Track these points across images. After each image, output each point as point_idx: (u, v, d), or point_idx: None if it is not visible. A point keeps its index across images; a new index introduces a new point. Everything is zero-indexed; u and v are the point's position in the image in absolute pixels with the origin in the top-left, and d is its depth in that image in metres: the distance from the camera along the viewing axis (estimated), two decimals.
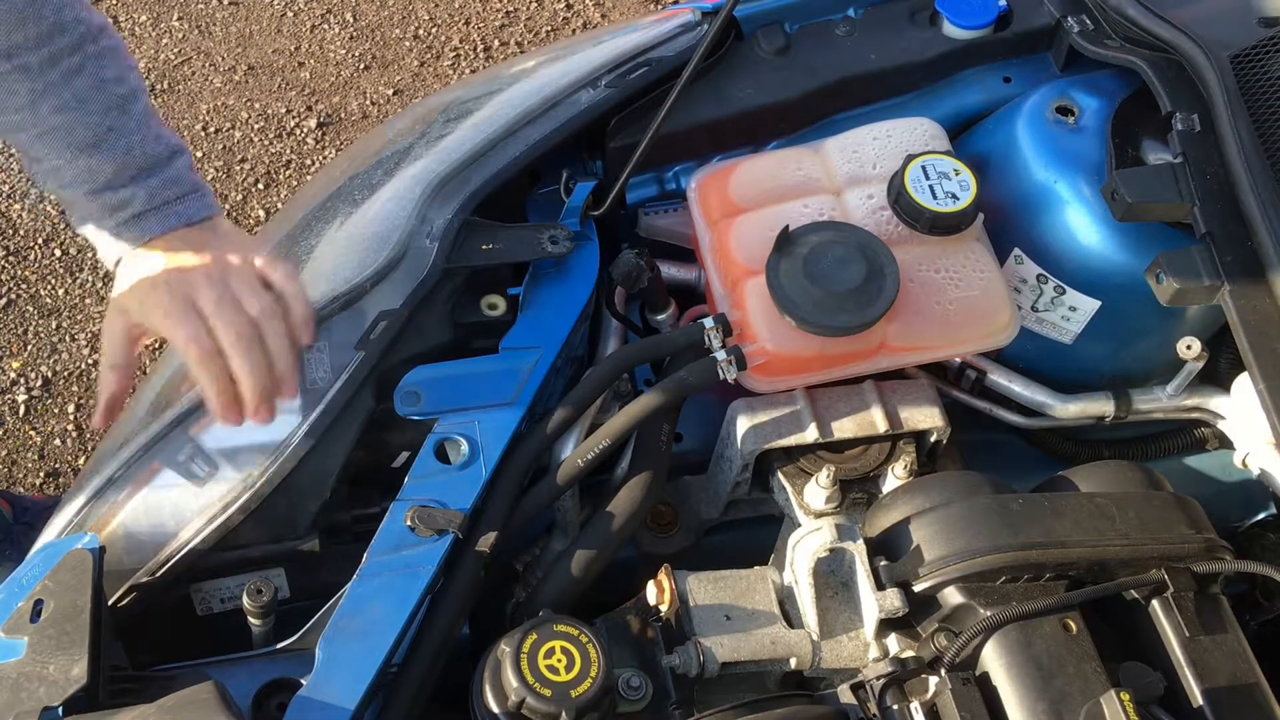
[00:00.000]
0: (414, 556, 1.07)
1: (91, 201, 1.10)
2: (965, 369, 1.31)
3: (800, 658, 1.09)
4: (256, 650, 1.09)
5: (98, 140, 1.09)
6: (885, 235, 1.22)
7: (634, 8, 3.16)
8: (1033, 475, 1.21)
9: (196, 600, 1.16)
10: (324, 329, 1.16)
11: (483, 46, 3.02)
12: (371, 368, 1.15)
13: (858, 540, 1.07)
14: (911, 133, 1.32)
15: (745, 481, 1.24)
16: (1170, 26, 1.28)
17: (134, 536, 1.11)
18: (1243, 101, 1.20)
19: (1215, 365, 1.30)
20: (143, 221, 1.11)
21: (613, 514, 1.15)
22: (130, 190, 1.10)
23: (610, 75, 1.37)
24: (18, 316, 2.55)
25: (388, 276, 1.18)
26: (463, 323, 1.23)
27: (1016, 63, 1.44)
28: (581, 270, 1.27)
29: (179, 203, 1.12)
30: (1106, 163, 1.25)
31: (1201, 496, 1.12)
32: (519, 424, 1.16)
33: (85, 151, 1.09)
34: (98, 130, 1.08)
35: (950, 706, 0.96)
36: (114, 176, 1.09)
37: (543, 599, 1.13)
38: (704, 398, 1.28)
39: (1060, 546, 1.02)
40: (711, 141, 1.41)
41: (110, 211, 1.10)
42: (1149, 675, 0.97)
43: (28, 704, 0.94)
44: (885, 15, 1.46)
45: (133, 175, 1.10)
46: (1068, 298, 1.27)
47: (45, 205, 2.70)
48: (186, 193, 1.13)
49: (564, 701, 0.97)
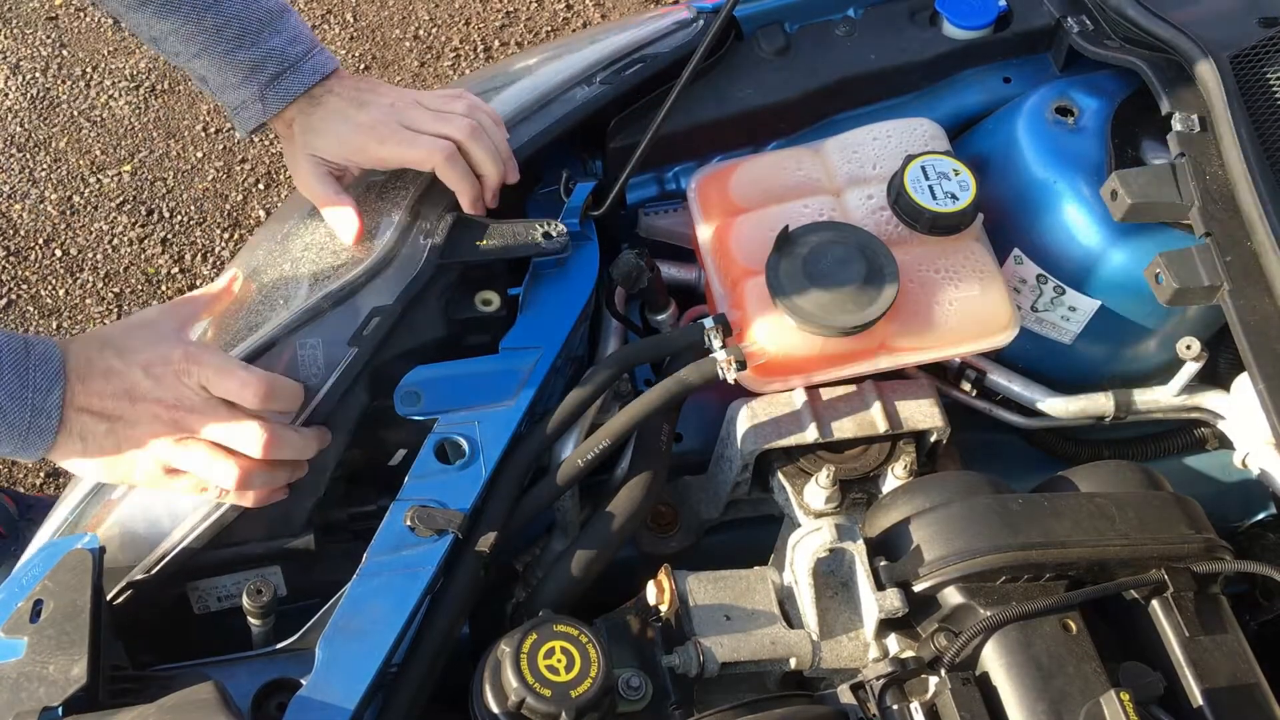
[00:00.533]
0: (414, 556, 1.07)
1: (227, 64, 1.17)
2: (965, 369, 1.31)
3: (800, 658, 1.09)
4: (256, 650, 1.09)
5: None
6: (885, 235, 1.22)
7: (634, 7, 3.16)
8: (1033, 475, 1.21)
9: (194, 599, 1.16)
10: (317, 325, 1.16)
11: (483, 47, 3.02)
12: (365, 364, 1.14)
13: (858, 540, 1.07)
14: (911, 133, 1.32)
15: (745, 481, 1.24)
16: (1170, 26, 1.28)
17: (130, 534, 1.11)
18: (1242, 101, 1.20)
19: (1215, 365, 1.30)
20: (281, 82, 1.17)
21: (613, 514, 1.15)
22: (261, 50, 1.16)
23: (605, 72, 1.37)
24: (18, 316, 2.55)
25: (381, 273, 1.18)
26: (456, 318, 1.23)
27: (1016, 63, 1.44)
28: (581, 270, 1.27)
29: (307, 59, 1.19)
30: (1106, 163, 1.25)
31: (1201, 496, 1.12)
32: (519, 424, 1.16)
33: (210, 9, 1.15)
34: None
35: (950, 706, 0.96)
36: (241, 34, 1.16)
37: (543, 599, 1.13)
38: (704, 398, 1.28)
39: (1060, 546, 1.02)
40: (711, 141, 1.41)
41: (247, 74, 1.17)
42: (1149, 675, 0.97)
43: (28, 704, 0.94)
44: (885, 15, 1.46)
45: (257, 32, 1.16)
46: (1067, 298, 1.27)
47: (45, 205, 2.70)
48: (311, 47, 1.20)
49: (564, 701, 0.97)
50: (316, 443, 1.10)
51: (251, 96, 1.19)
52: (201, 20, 1.16)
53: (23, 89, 2.89)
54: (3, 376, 0.98)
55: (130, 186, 2.76)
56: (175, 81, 2.92)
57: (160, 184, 2.77)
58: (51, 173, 2.76)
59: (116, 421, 1.02)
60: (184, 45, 1.18)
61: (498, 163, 1.22)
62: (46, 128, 2.84)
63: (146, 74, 2.93)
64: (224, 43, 1.17)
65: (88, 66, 2.94)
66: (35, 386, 0.99)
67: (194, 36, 1.17)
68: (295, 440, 1.07)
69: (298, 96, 1.20)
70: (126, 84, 2.91)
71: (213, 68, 1.19)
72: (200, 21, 1.16)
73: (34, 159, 2.78)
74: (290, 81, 1.19)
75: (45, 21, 3.01)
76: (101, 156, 2.80)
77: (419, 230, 1.21)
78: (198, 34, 1.17)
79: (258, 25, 1.18)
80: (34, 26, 3.00)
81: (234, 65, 1.18)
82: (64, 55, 2.96)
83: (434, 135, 1.19)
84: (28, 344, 1.01)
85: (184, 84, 2.92)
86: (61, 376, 1.00)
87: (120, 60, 2.95)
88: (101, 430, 1.02)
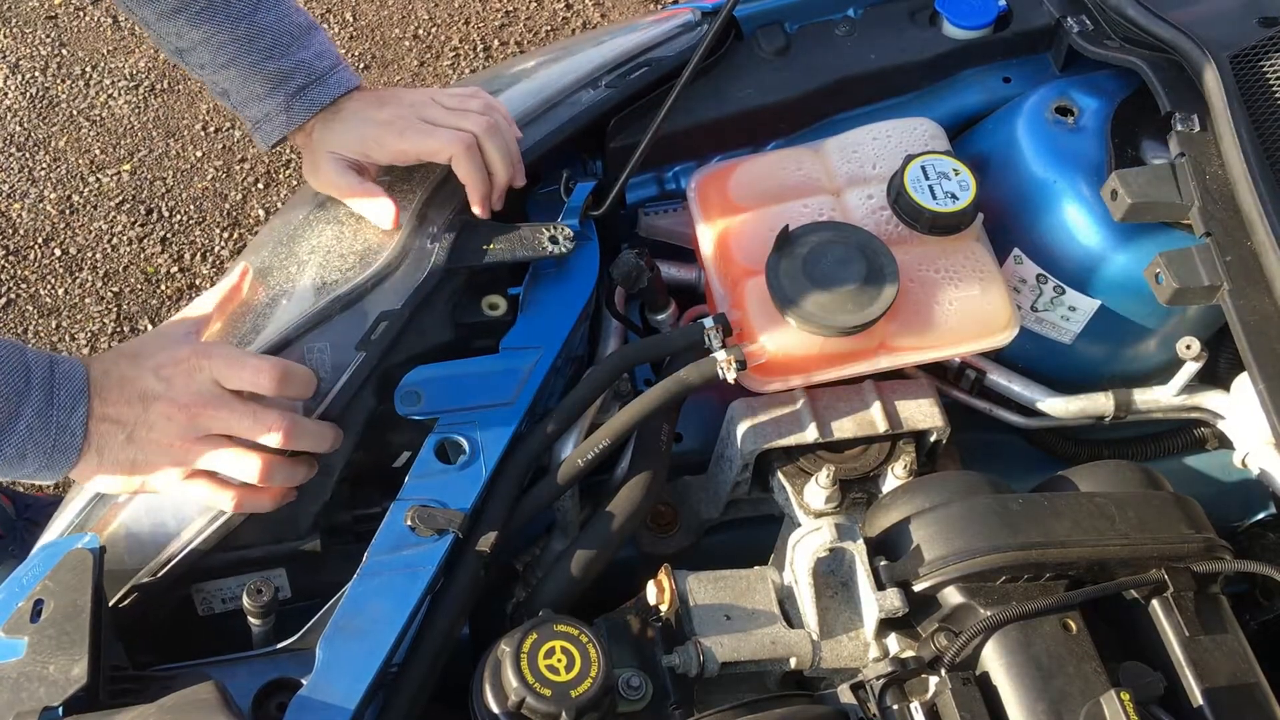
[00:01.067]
0: (414, 556, 1.07)
1: (254, 75, 1.18)
2: (965, 369, 1.31)
3: (800, 658, 1.09)
4: (256, 650, 1.09)
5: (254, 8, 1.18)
6: (885, 235, 1.22)
7: (634, 7, 3.16)
8: (1033, 475, 1.21)
9: (198, 601, 1.16)
10: (325, 329, 1.16)
11: (482, 46, 3.02)
12: (372, 368, 1.15)
13: (858, 540, 1.07)
14: (911, 133, 1.32)
15: (745, 481, 1.24)
16: (1170, 26, 1.28)
17: (135, 537, 1.11)
18: (1242, 101, 1.20)
19: (1215, 365, 1.30)
20: (308, 93, 1.19)
21: (613, 514, 1.15)
22: (290, 62, 1.18)
23: (610, 75, 1.37)
24: (18, 316, 2.55)
25: (388, 277, 1.18)
26: (463, 323, 1.23)
27: (1016, 63, 1.44)
28: (581, 270, 1.27)
29: (333, 73, 1.20)
30: (1106, 163, 1.25)
31: (1201, 496, 1.12)
32: (519, 424, 1.16)
33: (244, 19, 1.17)
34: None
35: (950, 706, 0.96)
36: (272, 46, 1.18)
37: (543, 599, 1.13)
38: (704, 398, 1.28)
39: (1060, 546, 1.02)
40: (711, 141, 1.41)
41: (274, 85, 1.19)
42: (1149, 675, 0.97)
43: (28, 704, 0.94)
44: (885, 15, 1.46)
45: (287, 45, 1.18)
46: (1067, 298, 1.27)
47: (45, 205, 2.70)
48: (337, 63, 1.22)
49: (564, 701, 0.97)
50: (333, 434, 1.10)
51: (277, 108, 1.20)
52: (235, 29, 1.17)
53: (22, 88, 2.89)
54: (31, 395, 0.97)
55: (130, 186, 2.76)
56: (175, 81, 2.92)
57: (160, 183, 2.76)
58: (51, 172, 2.76)
59: (133, 428, 1.01)
60: (213, 55, 1.19)
61: (509, 163, 1.23)
62: (46, 127, 2.84)
63: (146, 73, 2.93)
64: (254, 53, 1.18)
65: (87, 66, 2.94)
66: (60, 405, 0.98)
67: (225, 46, 1.18)
68: (313, 428, 1.07)
69: (323, 107, 1.21)
70: (126, 83, 2.91)
71: (239, 79, 1.20)
72: (233, 31, 1.17)
73: (33, 158, 2.78)
74: (317, 93, 1.20)
75: (45, 21, 3.01)
76: (101, 156, 2.80)
77: (426, 235, 1.21)
78: (229, 43, 1.18)
79: (289, 39, 1.19)
80: (34, 26, 3.00)
81: (262, 76, 1.19)
82: (63, 55, 2.95)
83: (452, 128, 1.20)
84: (53, 362, 1.00)
85: (184, 83, 2.92)
86: (85, 393, 1.00)
87: (120, 60, 2.95)
88: (120, 440, 1.01)
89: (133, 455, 1.02)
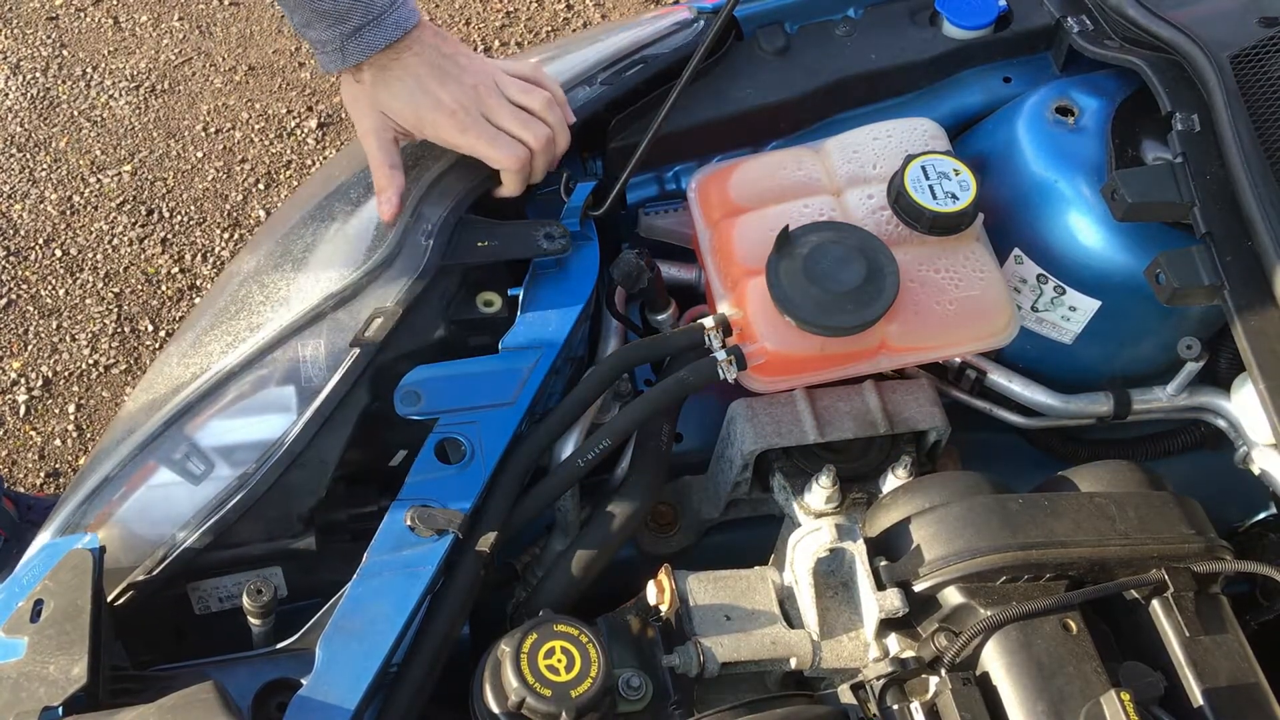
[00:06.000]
0: (414, 556, 1.07)
1: (311, 8, 1.16)
2: (965, 369, 1.31)
3: (800, 658, 1.09)
4: (256, 650, 1.09)
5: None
6: (885, 235, 1.22)
7: (634, 8, 3.16)
8: (1033, 475, 1.20)
9: (194, 599, 1.16)
10: (319, 326, 1.16)
11: (483, 47, 3.02)
12: (366, 365, 1.14)
13: (858, 540, 1.07)
14: (911, 133, 1.32)
15: (745, 481, 1.24)
16: (1170, 26, 1.28)
17: (131, 534, 1.11)
18: (1242, 101, 1.20)
19: (1215, 365, 1.30)
20: (364, 35, 1.18)
21: (613, 514, 1.15)
22: (346, 1, 1.17)
23: (606, 73, 1.37)
24: (18, 316, 2.55)
25: (383, 274, 1.18)
26: (458, 320, 1.23)
27: (1016, 63, 1.44)
28: (581, 270, 1.27)
29: (391, 11, 1.18)
30: (1106, 163, 1.25)
31: (1201, 496, 1.12)
32: (519, 424, 1.16)
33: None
34: None
35: (950, 706, 0.96)
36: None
37: (543, 599, 1.13)
38: (704, 398, 1.28)
39: (1060, 546, 1.02)
40: (711, 141, 1.41)
41: (331, 22, 1.17)
42: (1149, 675, 0.97)
43: (28, 704, 0.94)
44: (885, 15, 1.46)
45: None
46: (1068, 298, 1.27)
47: (46, 206, 2.70)
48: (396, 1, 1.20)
49: (564, 701, 0.97)
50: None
51: (333, 42, 1.18)
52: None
53: (23, 89, 2.89)
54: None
55: (130, 186, 2.76)
56: (175, 81, 2.92)
57: (160, 184, 2.77)
58: (51, 172, 2.76)
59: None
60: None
61: (546, 171, 1.27)
62: (46, 127, 2.84)
63: (146, 74, 2.93)
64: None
65: (88, 66, 2.94)
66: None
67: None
68: None
69: (379, 51, 1.18)
70: (126, 84, 2.91)
71: (299, 8, 1.18)
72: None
73: (34, 159, 2.78)
74: (372, 35, 1.17)
75: (45, 21, 3.01)
76: (101, 156, 2.80)
77: (421, 232, 1.21)
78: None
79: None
80: (34, 26, 3.00)
81: (318, 12, 1.16)
82: (64, 55, 2.96)
83: (515, 139, 1.22)
84: None
85: (184, 84, 2.92)
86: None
87: (120, 60, 2.95)
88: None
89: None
